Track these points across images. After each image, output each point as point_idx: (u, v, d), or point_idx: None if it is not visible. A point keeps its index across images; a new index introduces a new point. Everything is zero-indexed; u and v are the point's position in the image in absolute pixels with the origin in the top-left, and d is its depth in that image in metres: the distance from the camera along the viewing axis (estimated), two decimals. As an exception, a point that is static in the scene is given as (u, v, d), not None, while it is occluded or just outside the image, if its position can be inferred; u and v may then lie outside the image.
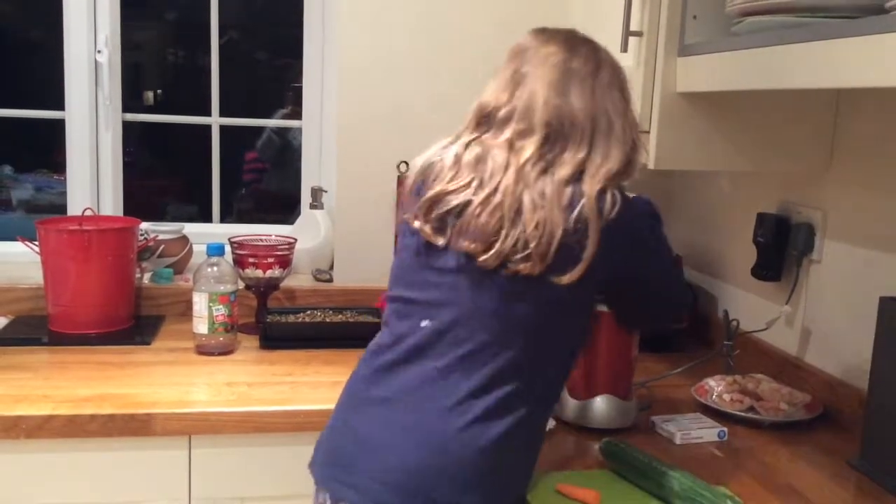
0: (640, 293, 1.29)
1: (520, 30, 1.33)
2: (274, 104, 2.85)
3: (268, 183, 3.13)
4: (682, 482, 1.20)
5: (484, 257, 1.13)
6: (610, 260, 1.15)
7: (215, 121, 2.33)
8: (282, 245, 2.03)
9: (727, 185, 2.04)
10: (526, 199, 1.13)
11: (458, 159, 1.20)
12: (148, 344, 1.87)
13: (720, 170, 1.99)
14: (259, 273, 1.97)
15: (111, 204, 2.26)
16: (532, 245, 1.11)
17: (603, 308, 1.38)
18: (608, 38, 1.31)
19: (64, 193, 2.26)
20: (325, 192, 2.26)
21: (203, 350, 1.81)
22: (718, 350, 1.83)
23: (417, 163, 1.26)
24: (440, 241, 1.18)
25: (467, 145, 1.21)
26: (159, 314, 2.07)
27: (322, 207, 2.26)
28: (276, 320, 1.95)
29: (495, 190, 1.14)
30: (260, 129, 2.96)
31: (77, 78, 2.19)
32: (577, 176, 1.15)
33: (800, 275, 1.72)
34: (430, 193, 1.20)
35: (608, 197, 1.14)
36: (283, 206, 2.62)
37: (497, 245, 1.12)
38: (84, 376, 1.65)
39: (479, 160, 1.18)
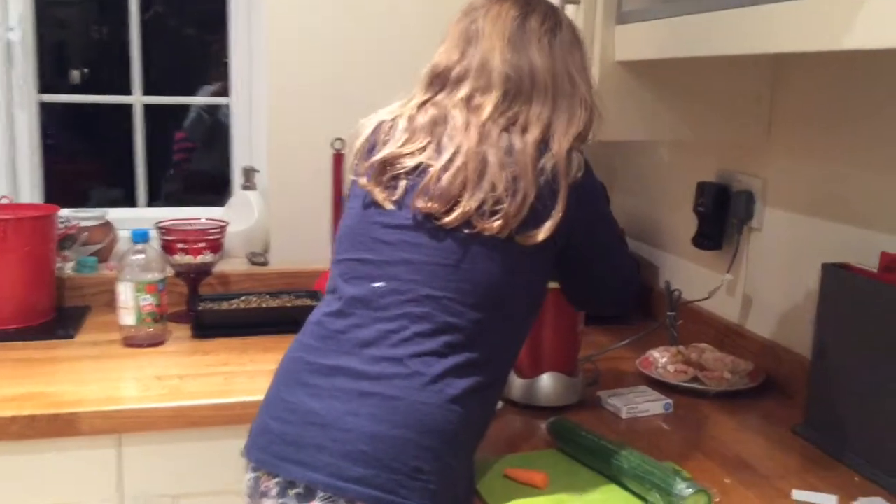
0: (591, 263, 1.24)
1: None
2: (204, 81, 2.75)
3: (198, 163, 3.02)
4: (630, 460, 1.18)
5: (447, 219, 1.08)
6: (571, 221, 1.12)
7: (137, 99, 2.23)
8: (212, 229, 1.95)
9: (667, 155, 2.03)
10: (491, 157, 1.09)
11: (411, 121, 1.15)
12: (72, 337, 1.79)
13: (661, 140, 1.97)
14: (189, 259, 1.89)
15: (29, 190, 2.15)
16: (504, 204, 1.07)
17: (551, 284, 1.35)
18: (544, 5, 1.27)
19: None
20: (258, 171, 2.19)
21: (131, 342, 1.74)
22: (662, 321, 1.82)
23: (367, 123, 1.21)
24: (390, 205, 1.13)
25: (420, 106, 1.16)
26: (84, 305, 1.98)
27: (255, 188, 2.18)
28: (208, 308, 1.87)
29: (457, 152, 1.10)
30: (189, 108, 2.85)
31: (-14, 57, 2.07)
32: (544, 137, 1.12)
33: (740, 243, 1.71)
34: (382, 154, 1.14)
35: (574, 158, 1.13)
36: (215, 188, 2.53)
37: (461, 206, 1.08)
38: (3, 375, 1.56)
39: (436, 122, 1.14)
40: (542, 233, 1.10)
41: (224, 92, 2.32)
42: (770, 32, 1.08)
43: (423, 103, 1.17)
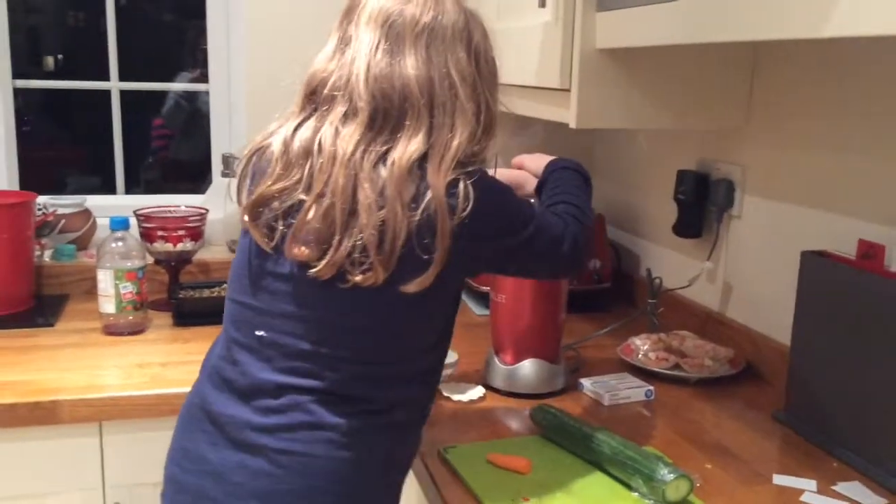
0: (526, 259, 1.14)
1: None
2: (183, 68, 2.72)
3: (177, 151, 2.99)
4: (613, 446, 1.19)
5: (317, 268, 1.00)
6: (469, 257, 1.04)
7: (114, 85, 2.20)
8: (192, 216, 1.94)
9: (647, 143, 2.03)
10: (361, 198, 0.98)
11: (286, 149, 1.04)
12: (51, 326, 1.77)
13: (641, 128, 1.98)
14: (169, 246, 1.88)
15: (6, 177, 2.12)
16: (372, 252, 0.97)
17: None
18: (527, -8, 1.26)
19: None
20: (237, 158, 2.16)
21: (111, 330, 1.72)
22: (643, 309, 1.83)
23: (249, 147, 1.13)
24: (269, 250, 1.05)
25: (296, 129, 1.05)
26: (63, 293, 1.96)
27: (235, 175, 2.16)
28: (189, 296, 1.86)
29: (325, 189, 1.00)
30: (167, 95, 2.83)
31: (-41, 42, 2.04)
32: (420, 163, 1.00)
33: (720, 231, 1.72)
34: (256, 194, 1.05)
35: (460, 191, 0.99)
36: (194, 175, 2.51)
37: (329, 254, 0.99)
38: (-18, 363, 1.55)
39: (308, 152, 1.03)
40: (424, 281, 1.00)
41: (203, 79, 2.29)
42: (751, 20, 1.07)
43: (299, 125, 1.06)
